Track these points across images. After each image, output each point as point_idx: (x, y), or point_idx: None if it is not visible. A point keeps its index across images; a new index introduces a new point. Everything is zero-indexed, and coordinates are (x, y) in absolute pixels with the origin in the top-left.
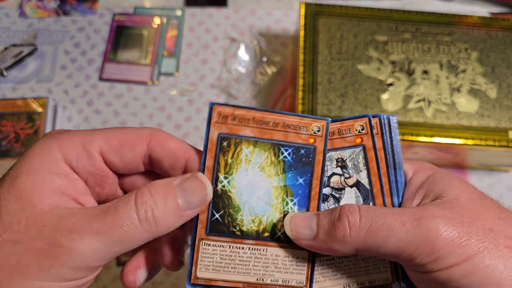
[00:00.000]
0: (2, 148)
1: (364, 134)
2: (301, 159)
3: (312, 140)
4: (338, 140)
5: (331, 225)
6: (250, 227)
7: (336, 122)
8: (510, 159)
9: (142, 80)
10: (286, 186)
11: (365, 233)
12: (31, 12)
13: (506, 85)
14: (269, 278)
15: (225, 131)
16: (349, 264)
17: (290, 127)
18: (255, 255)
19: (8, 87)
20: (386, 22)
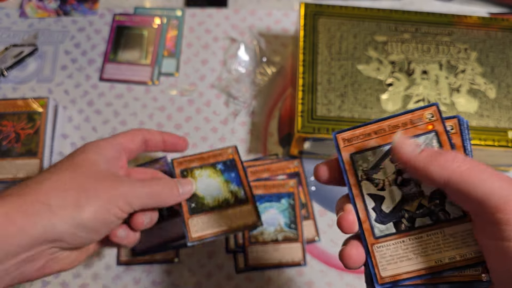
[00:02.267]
0: (3, 148)
1: (434, 120)
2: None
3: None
4: (411, 129)
5: (437, 151)
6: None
7: (408, 113)
8: (510, 159)
9: (142, 80)
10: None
11: (465, 169)
12: (31, 12)
13: (506, 85)
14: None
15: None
16: (437, 241)
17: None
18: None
19: (8, 87)
20: (385, 22)
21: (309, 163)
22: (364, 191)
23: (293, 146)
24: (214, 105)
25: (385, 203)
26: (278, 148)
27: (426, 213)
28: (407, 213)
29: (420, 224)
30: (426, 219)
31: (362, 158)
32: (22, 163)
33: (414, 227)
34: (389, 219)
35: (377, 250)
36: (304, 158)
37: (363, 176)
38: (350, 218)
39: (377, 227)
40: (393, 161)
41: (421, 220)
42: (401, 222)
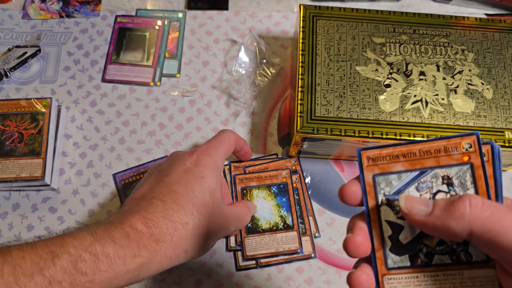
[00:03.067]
0: (6, 148)
1: (472, 152)
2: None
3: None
4: (444, 157)
5: (450, 203)
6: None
7: (443, 139)
8: (507, 159)
9: (145, 81)
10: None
11: (487, 216)
12: (34, 14)
13: (503, 86)
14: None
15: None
16: (454, 282)
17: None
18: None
19: (11, 87)
20: (383, 24)
21: (308, 162)
22: (382, 217)
23: (292, 146)
24: (215, 106)
25: (404, 233)
26: (278, 148)
27: (446, 251)
28: (426, 248)
29: (438, 262)
30: (445, 258)
31: (386, 181)
32: (25, 162)
33: (431, 264)
34: (406, 251)
35: (387, 281)
36: (303, 158)
37: (384, 201)
38: (357, 241)
39: (391, 257)
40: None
41: (439, 258)
42: (417, 257)
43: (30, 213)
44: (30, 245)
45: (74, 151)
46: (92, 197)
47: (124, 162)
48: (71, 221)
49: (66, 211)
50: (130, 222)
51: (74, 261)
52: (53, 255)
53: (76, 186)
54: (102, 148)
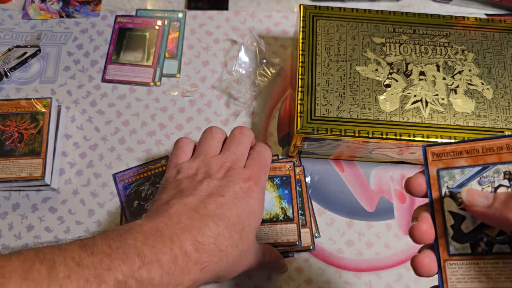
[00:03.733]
0: (6, 148)
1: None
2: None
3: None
4: (506, 154)
5: (509, 197)
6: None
7: (506, 137)
8: None
9: (145, 81)
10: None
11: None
12: (34, 14)
13: (503, 86)
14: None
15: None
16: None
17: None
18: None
19: (11, 87)
20: (383, 24)
21: (308, 162)
22: (445, 208)
23: (292, 146)
24: (215, 106)
25: (465, 223)
26: (278, 148)
27: (506, 241)
28: (486, 237)
29: (498, 251)
30: (505, 247)
31: (449, 175)
32: (25, 163)
33: (491, 252)
34: (467, 239)
35: (449, 266)
36: (303, 158)
37: (447, 193)
38: (423, 228)
39: (453, 244)
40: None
41: (499, 247)
42: (478, 245)
43: (30, 213)
44: (77, 261)
45: (74, 151)
46: (92, 197)
47: (124, 162)
48: (71, 221)
49: (66, 211)
50: (181, 242)
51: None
52: (100, 279)
53: (76, 186)
54: (102, 148)
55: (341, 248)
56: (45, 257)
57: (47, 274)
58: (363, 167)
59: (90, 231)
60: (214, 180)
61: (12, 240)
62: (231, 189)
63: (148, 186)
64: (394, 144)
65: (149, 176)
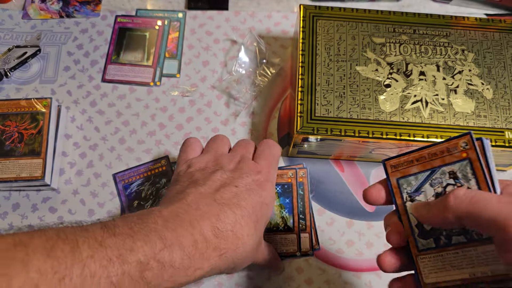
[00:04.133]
0: (6, 148)
1: (468, 149)
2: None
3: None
4: (447, 156)
5: (440, 201)
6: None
7: (444, 143)
8: (507, 159)
9: (144, 81)
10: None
11: (468, 202)
12: (34, 14)
13: (503, 86)
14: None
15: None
16: (471, 257)
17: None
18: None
19: (11, 87)
20: (383, 24)
21: (308, 162)
22: (408, 210)
23: (292, 146)
24: (215, 106)
25: None
26: None
27: (461, 233)
28: (445, 231)
29: (456, 242)
30: (461, 238)
31: (407, 182)
32: (25, 162)
33: (451, 244)
34: (430, 235)
35: (420, 260)
36: (303, 158)
37: (407, 198)
38: (395, 234)
39: (420, 241)
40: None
41: (456, 238)
42: (440, 239)
43: (30, 213)
44: (99, 242)
45: (74, 151)
46: (92, 197)
47: (124, 162)
48: (71, 221)
49: (66, 211)
50: (200, 227)
51: (142, 270)
52: (122, 259)
53: (76, 186)
54: (102, 148)
55: (341, 248)
56: (67, 237)
57: (70, 253)
58: (363, 167)
59: None
60: (226, 172)
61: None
62: (244, 180)
63: (148, 186)
64: (394, 144)
65: (149, 176)
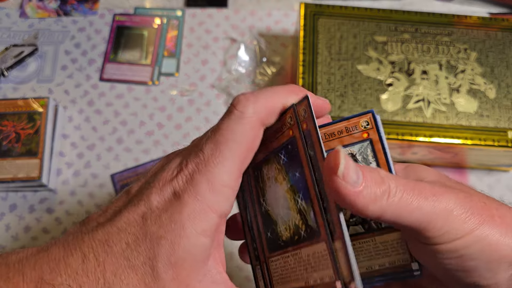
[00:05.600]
0: (3, 148)
1: (370, 129)
2: (291, 155)
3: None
4: (346, 137)
5: (376, 185)
6: (287, 236)
7: (343, 121)
8: (509, 159)
9: (143, 80)
10: (292, 186)
11: (397, 202)
12: (31, 13)
13: (505, 85)
14: (311, 279)
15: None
16: (369, 248)
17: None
18: (296, 260)
19: (9, 87)
20: (385, 22)
21: None
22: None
23: None
24: (214, 105)
25: None
26: None
27: (359, 222)
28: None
29: (353, 232)
30: (358, 228)
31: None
32: (22, 163)
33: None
34: None
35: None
36: None
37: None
38: None
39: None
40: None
41: (354, 228)
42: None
43: (27, 214)
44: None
45: (72, 151)
46: (89, 198)
47: (122, 163)
48: (68, 222)
49: (63, 212)
50: (30, 274)
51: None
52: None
53: (73, 186)
54: (100, 148)
55: None
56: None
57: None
58: None
59: None
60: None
61: (10, 241)
62: (128, 211)
63: None
64: (396, 144)
65: None
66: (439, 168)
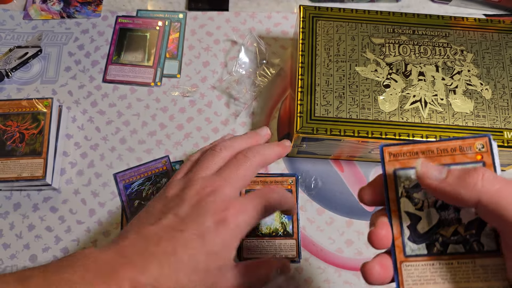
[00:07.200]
0: (7, 148)
1: (484, 152)
2: None
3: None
4: (459, 155)
5: (464, 172)
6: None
7: (459, 140)
8: (506, 159)
9: (145, 82)
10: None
11: (496, 189)
12: (35, 15)
13: (501, 86)
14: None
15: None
16: (467, 270)
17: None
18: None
19: (13, 88)
20: (383, 24)
21: (308, 163)
22: (402, 208)
23: (292, 146)
24: (215, 106)
25: (421, 223)
26: None
27: (460, 241)
28: (442, 238)
29: (453, 251)
30: (459, 247)
31: (406, 175)
32: (26, 162)
33: (446, 252)
34: (423, 240)
35: (405, 268)
36: (303, 158)
37: (404, 193)
38: (381, 233)
39: (409, 245)
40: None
41: (454, 247)
42: (434, 245)
43: (31, 213)
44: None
45: (75, 151)
46: (93, 196)
47: (125, 162)
48: (72, 220)
49: (67, 211)
50: (118, 279)
51: None
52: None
53: (77, 186)
54: (103, 148)
55: (341, 248)
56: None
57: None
58: (362, 167)
59: (91, 231)
60: (183, 208)
61: (13, 239)
62: (196, 224)
63: (149, 185)
64: None
65: (150, 176)
66: None
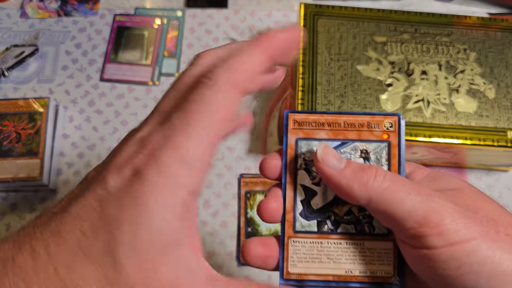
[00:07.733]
0: (4, 148)
1: (392, 131)
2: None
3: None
4: (366, 132)
5: (361, 168)
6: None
7: (368, 115)
8: (509, 159)
9: (143, 81)
10: None
11: (385, 187)
12: (32, 13)
13: (505, 85)
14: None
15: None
16: (355, 251)
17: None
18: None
19: (9, 87)
20: (385, 23)
21: None
22: (298, 181)
23: None
24: None
25: (316, 199)
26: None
27: (352, 221)
28: (334, 216)
29: (343, 231)
30: (350, 227)
31: (308, 146)
32: (23, 163)
33: (336, 232)
34: (315, 216)
35: (292, 244)
36: None
37: (303, 165)
38: (272, 206)
39: (299, 221)
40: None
41: (345, 227)
42: (325, 223)
43: (27, 214)
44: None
45: (72, 151)
46: None
47: None
48: None
49: None
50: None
51: None
52: None
53: (74, 186)
54: (100, 148)
55: None
56: None
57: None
58: None
59: None
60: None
61: None
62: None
63: None
64: None
65: None
66: (439, 168)
